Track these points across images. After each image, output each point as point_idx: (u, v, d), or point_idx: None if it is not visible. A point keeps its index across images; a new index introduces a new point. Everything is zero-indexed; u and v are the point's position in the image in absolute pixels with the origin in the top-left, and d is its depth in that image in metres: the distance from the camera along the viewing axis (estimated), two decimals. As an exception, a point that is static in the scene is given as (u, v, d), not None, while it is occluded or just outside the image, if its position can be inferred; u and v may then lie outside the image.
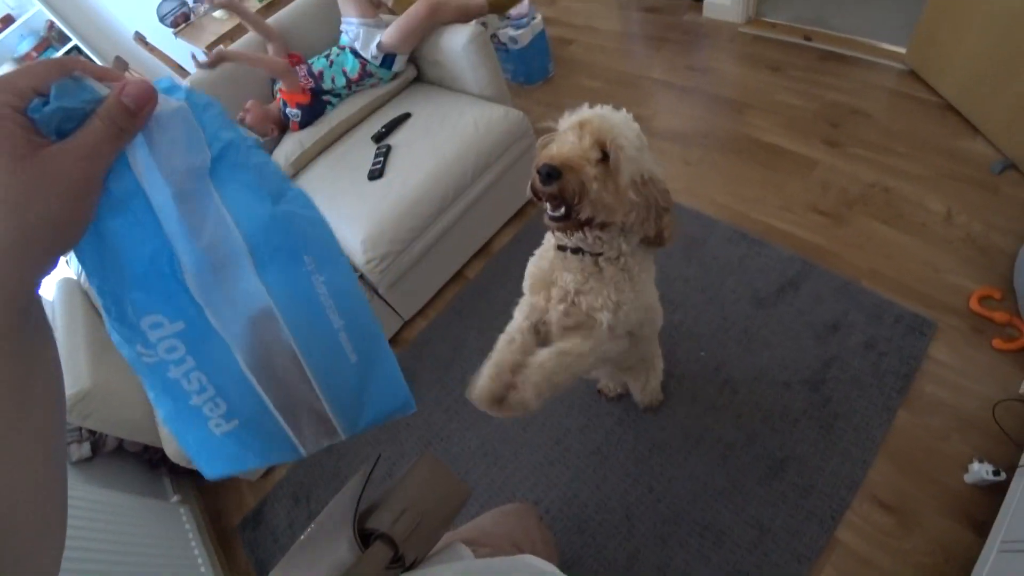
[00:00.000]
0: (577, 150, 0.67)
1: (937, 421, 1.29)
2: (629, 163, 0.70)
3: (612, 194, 0.70)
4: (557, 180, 0.66)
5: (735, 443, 1.38)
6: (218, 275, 0.30)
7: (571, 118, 0.73)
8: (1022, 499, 1.01)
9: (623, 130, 0.70)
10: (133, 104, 0.27)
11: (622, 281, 0.82)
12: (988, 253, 1.53)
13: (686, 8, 2.68)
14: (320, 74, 1.96)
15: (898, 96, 1.99)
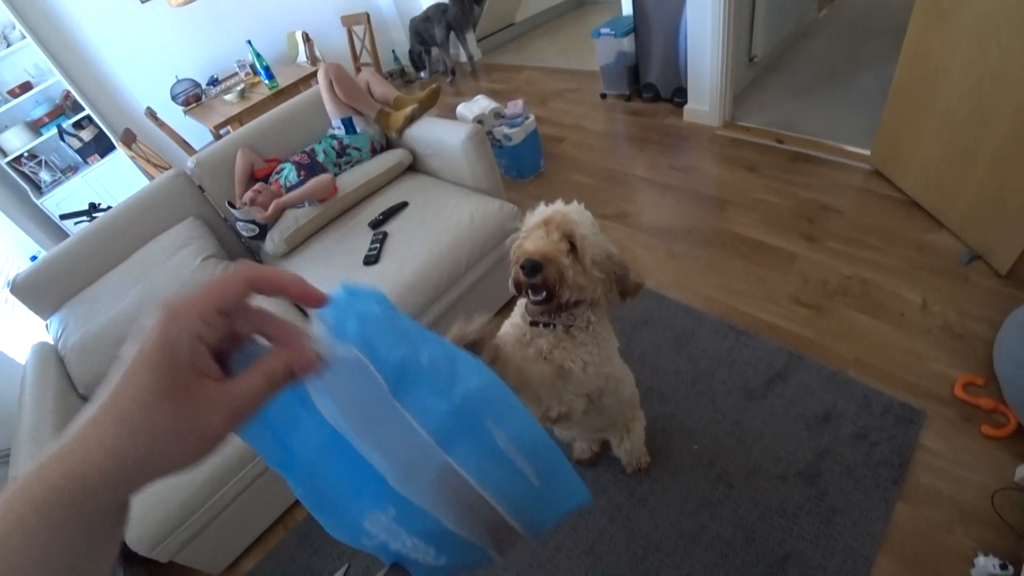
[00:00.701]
0: (550, 244, 0.81)
1: (937, 513, 1.33)
2: (591, 247, 0.85)
3: (583, 276, 0.84)
4: (540, 272, 0.79)
5: (733, 541, 1.39)
6: (414, 469, 0.37)
7: (534, 218, 0.88)
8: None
9: (582, 221, 0.86)
10: (297, 369, 0.31)
11: (591, 344, 0.96)
12: (966, 340, 1.66)
13: (667, 112, 3.03)
14: (311, 150, 2.23)
15: (866, 193, 2.22)
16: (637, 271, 0.94)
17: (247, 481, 1.60)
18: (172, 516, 1.47)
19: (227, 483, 1.56)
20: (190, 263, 2.00)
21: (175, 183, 2.16)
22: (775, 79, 3.08)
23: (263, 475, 1.63)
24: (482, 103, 2.77)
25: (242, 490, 1.60)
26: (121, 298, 1.93)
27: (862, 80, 2.85)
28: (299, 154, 2.23)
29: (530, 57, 4.40)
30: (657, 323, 1.97)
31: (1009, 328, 1.56)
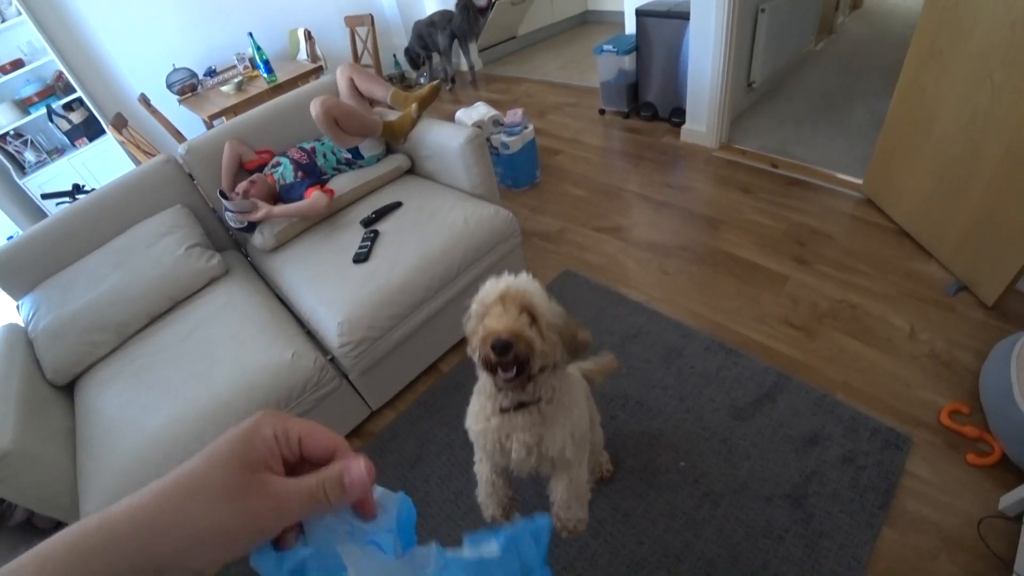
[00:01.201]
0: (513, 320, 0.84)
1: (922, 539, 1.32)
2: (546, 316, 0.88)
3: (545, 344, 0.87)
4: (511, 350, 0.82)
5: (717, 561, 1.36)
6: None
7: (488, 294, 0.89)
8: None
9: (534, 293, 0.89)
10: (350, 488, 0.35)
11: (563, 416, 1.01)
12: (953, 369, 1.66)
13: (664, 131, 3.05)
14: (312, 149, 2.17)
15: (857, 221, 2.25)
16: (583, 329, 0.97)
17: None
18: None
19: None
20: (173, 251, 1.94)
21: (164, 169, 2.10)
22: (772, 105, 3.13)
23: None
24: (481, 110, 2.76)
25: None
26: (98, 283, 1.86)
27: (856, 112, 2.91)
28: (298, 151, 2.18)
29: (531, 70, 4.43)
30: (647, 338, 1.96)
31: (995, 358, 1.57)
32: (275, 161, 2.16)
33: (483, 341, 0.84)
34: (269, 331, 1.73)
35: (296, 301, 1.88)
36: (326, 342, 1.74)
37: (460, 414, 1.80)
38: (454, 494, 1.63)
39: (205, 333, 1.78)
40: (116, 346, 1.85)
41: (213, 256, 2.02)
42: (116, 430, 1.53)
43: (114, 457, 1.46)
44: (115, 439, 1.51)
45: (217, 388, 1.57)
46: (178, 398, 1.57)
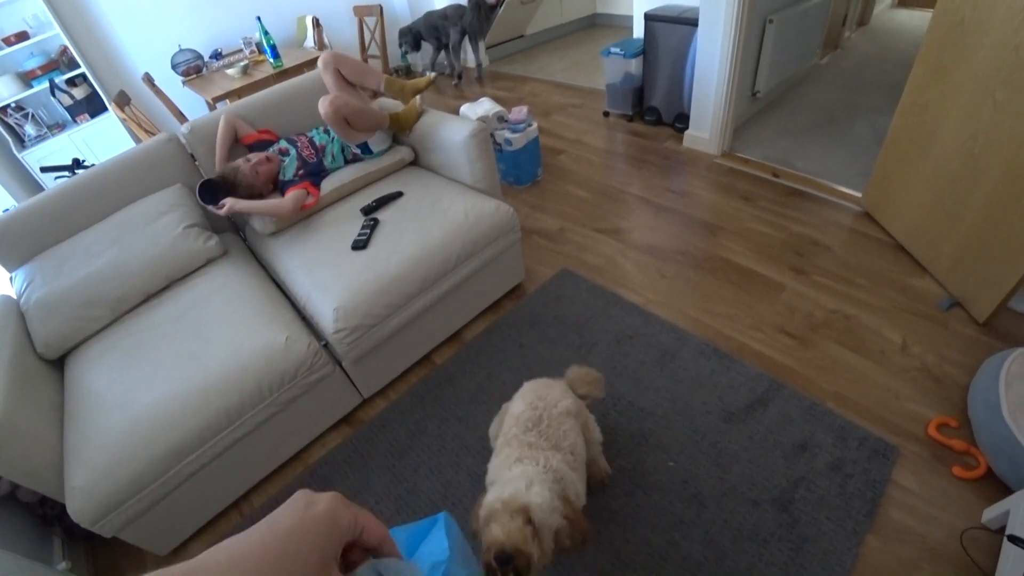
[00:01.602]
0: (518, 534, 0.93)
1: (906, 549, 1.33)
2: (547, 530, 0.98)
3: (544, 553, 0.97)
4: (511, 562, 0.92)
5: (703, 563, 1.36)
6: None
7: (494, 501, 0.98)
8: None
9: (539, 507, 0.97)
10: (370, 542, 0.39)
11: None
12: (943, 383, 1.68)
13: (667, 136, 3.06)
14: (322, 147, 2.15)
15: (855, 234, 2.26)
16: (583, 526, 1.04)
17: (205, 459, 1.53)
18: (121, 489, 1.39)
19: (184, 459, 1.48)
20: (172, 230, 1.93)
21: (166, 147, 2.09)
22: (775, 116, 3.14)
23: (225, 454, 1.57)
24: (486, 105, 2.76)
25: (198, 468, 1.52)
26: (94, 258, 1.85)
27: (858, 127, 2.93)
28: (308, 146, 2.15)
29: (537, 70, 4.44)
30: (642, 339, 1.96)
31: (984, 374, 1.59)
32: (285, 148, 2.13)
33: (487, 548, 0.94)
34: (264, 314, 1.73)
35: (292, 285, 1.88)
36: (321, 328, 1.73)
37: (452, 407, 1.82)
38: (443, 485, 1.63)
39: (199, 313, 1.77)
40: (110, 322, 1.84)
41: (211, 237, 2.01)
42: (105, 406, 1.53)
43: (101, 433, 1.45)
44: (103, 415, 1.50)
45: (209, 369, 1.56)
46: (169, 377, 1.56)
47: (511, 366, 1.94)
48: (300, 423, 1.75)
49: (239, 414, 1.55)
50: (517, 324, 2.11)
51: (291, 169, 2.10)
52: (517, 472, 1.06)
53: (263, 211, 1.97)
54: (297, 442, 1.78)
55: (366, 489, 1.65)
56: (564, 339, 2.01)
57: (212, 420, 1.51)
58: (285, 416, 1.68)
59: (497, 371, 1.94)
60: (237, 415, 1.55)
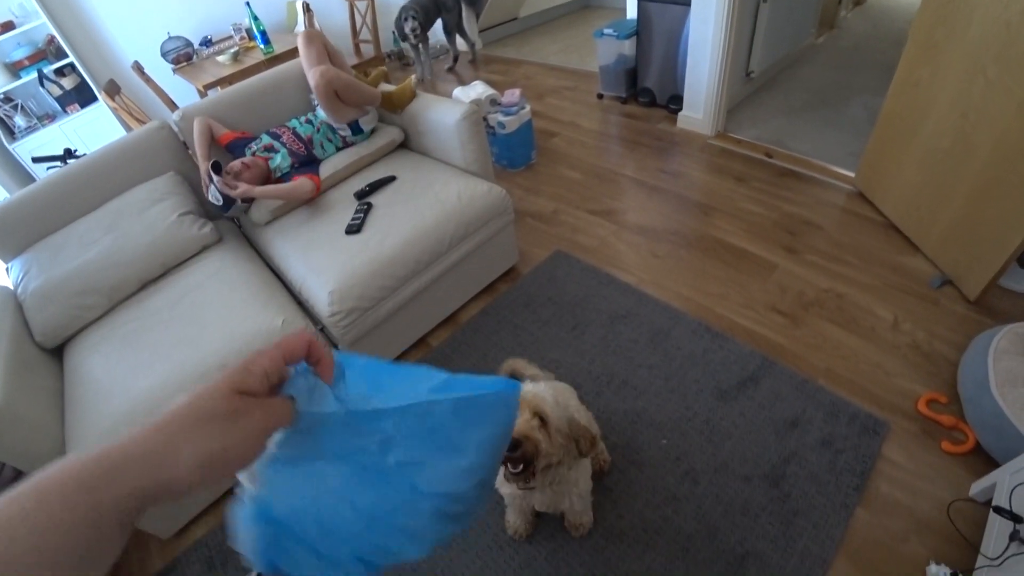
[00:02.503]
0: (525, 424, 0.96)
1: (894, 522, 1.34)
2: (556, 422, 1.00)
3: (552, 444, 0.99)
4: (519, 448, 0.94)
5: (695, 536, 1.38)
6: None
7: None
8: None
9: (547, 401, 1.00)
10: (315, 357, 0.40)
11: (569, 487, 1.20)
12: (933, 360, 1.69)
13: (661, 118, 3.04)
14: (309, 139, 2.11)
15: (847, 213, 2.26)
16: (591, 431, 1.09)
17: None
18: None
19: None
20: (166, 217, 1.92)
21: (158, 135, 2.07)
22: (769, 97, 3.12)
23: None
24: (479, 88, 2.73)
25: None
26: (89, 247, 1.84)
27: (851, 107, 2.91)
28: (294, 139, 2.10)
29: (530, 53, 4.38)
30: (635, 318, 1.96)
31: (973, 351, 1.59)
32: (270, 144, 2.08)
33: None
34: (259, 298, 1.72)
35: (287, 271, 1.87)
36: (316, 311, 1.73)
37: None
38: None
39: (196, 299, 1.77)
40: (107, 310, 1.83)
41: (206, 224, 2.00)
42: (104, 392, 1.53)
43: (101, 418, 1.46)
44: (103, 401, 1.50)
45: (205, 353, 1.56)
46: (167, 362, 1.56)
47: (505, 347, 1.95)
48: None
49: None
50: (512, 305, 2.11)
51: (285, 163, 2.07)
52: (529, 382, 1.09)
53: (281, 195, 1.96)
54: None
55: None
56: (558, 319, 2.02)
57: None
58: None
59: (492, 352, 1.95)
60: None
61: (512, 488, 1.17)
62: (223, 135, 2.10)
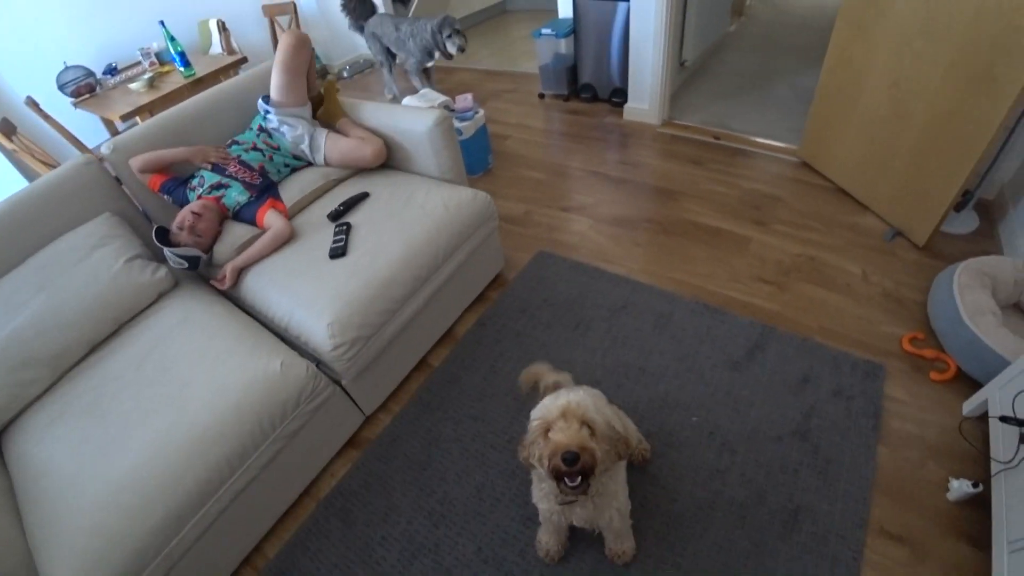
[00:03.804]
0: (577, 435, 0.97)
1: (911, 452, 1.51)
2: (602, 428, 1.02)
3: (603, 453, 1.01)
4: (579, 461, 0.95)
5: (747, 503, 1.47)
6: None
7: (550, 411, 1.02)
8: (1006, 500, 1.22)
9: (590, 408, 1.02)
10: None
11: (610, 499, 1.19)
12: (903, 303, 1.92)
13: (606, 112, 3.20)
14: (262, 168, 2.02)
15: (799, 183, 2.50)
16: (627, 435, 1.12)
17: (210, 518, 1.36)
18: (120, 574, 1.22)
19: (186, 523, 1.32)
20: (110, 265, 1.74)
21: (84, 173, 1.87)
22: (703, 83, 3.38)
23: (230, 507, 1.42)
24: (430, 95, 2.73)
25: (205, 530, 1.36)
26: (19, 310, 1.63)
27: (778, 87, 3.23)
28: (244, 170, 1.99)
29: (462, 60, 4.41)
30: (634, 308, 2.05)
31: (938, 288, 1.83)
32: (218, 182, 1.95)
33: (553, 453, 0.97)
34: (245, 343, 1.61)
35: (267, 308, 1.76)
36: (313, 346, 1.64)
37: (462, 406, 1.82)
38: (476, 489, 1.61)
39: (165, 354, 1.62)
40: (53, 382, 1.62)
41: (158, 268, 1.84)
42: (70, 481, 1.32)
43: (78, 514, 1.26)
44: (72, 493, 1.30)
45: (196, 413, 1.42)
46: (147, 432, 1.39)
47: (512, 355, 1.96)
48: (304, 456, 1.65)
49: (242, 459, 1.42)
50: (507, 312, 2.13)
51: (243, 196, 1.94)
52: (566, 392, 1.08)
53: (267, 251, 1.86)
54: (304, 477, 1.68)
55: (395, 511, 1.60)
56: (559, 320, 2.06)
57: (212, 472, 1.36)
58: (289, 451, 1.57)
59: (499, 363, 1.95)
60: (240, 461, 1.42)
61: (550, 504, 1.18)
62: (151, 180, 1.94)
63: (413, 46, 3.40)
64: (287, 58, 2.01)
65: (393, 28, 3.48)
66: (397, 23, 3.48)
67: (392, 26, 3.49)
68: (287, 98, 2.06)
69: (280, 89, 2.04)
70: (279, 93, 2.05)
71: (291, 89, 2.05)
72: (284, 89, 2.04)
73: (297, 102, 2.08)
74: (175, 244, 1.83)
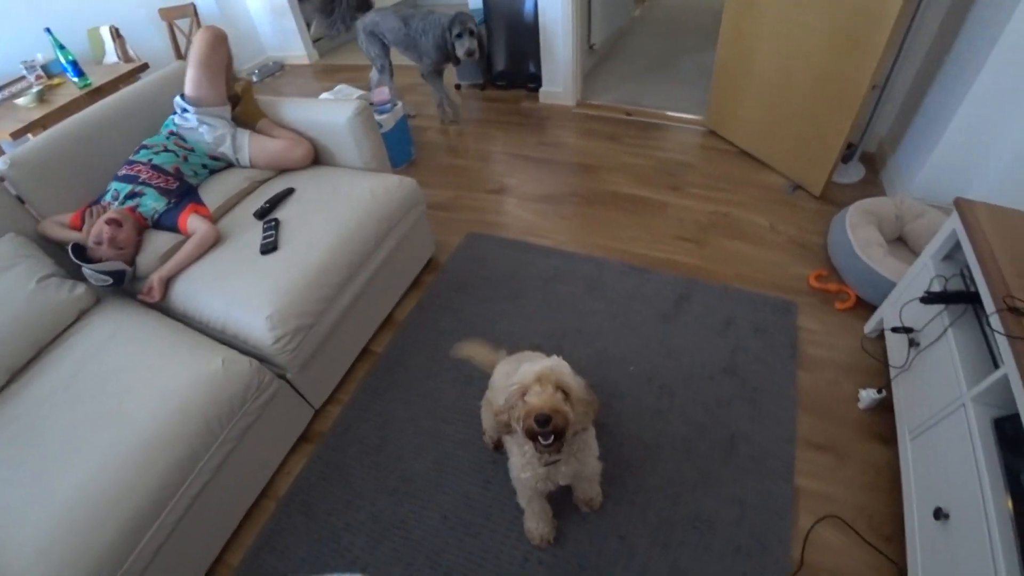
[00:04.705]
0: (551, 398, 1.03)
1: (825, 372, 1.69)
2: (578, 391, 1.09)
3: (577, 414, 1.08)
4: (551, 422, 1.02)
5: (689, 437, 1.59)
6: None
7: (525, 376, 1.07)
8: (904, 399, 1.40)
9: (566, 373, 1.08)
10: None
11: (589, 453, 1.28)
12: (807, 247, 2.12)
13: (522, 97, 3.30)
14: (177, 170, 1.94)
15: (707, 149, 2.69)
16: (596, 398, 1.18)
17: (167, 528, 1.31)
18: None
19: (144, 534, 1.26)
20: (23, 286, 1.63)
21: (-22, 193, 1.75)
22: (612, 65, 3.55)
23: (187, 515, 1.37)
24: (346, 91, 2.72)
25: (164, 540, 1.31)
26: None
27: (682, 64, 3.44)
28: (157, 175, 1.90)
29: (370, 58, 4.40)
30: (566, 275, 2.14)
31: (834, 230, 2.03)
32: (131, 191, 1.85)
33: (527, 415, 1.03)
34: (181, 347, 1.56)
35: (200, 313, 1.71)
36: (254, 343, 1.62)
37: (411, 387, 1.85)
38: (434, 462, 1.64)
39: (99, 368, 1.54)
40: (-32, 416, 1.51)
41: (76, 285, 1.73)
42: (9, 514, 1.24)
43: (20, 546, 1.18)
44: (13, 525, 1.21)
45: (139, 422, 1.36)
46: (90, 448, 1.32)
47: (455, 332, 2.00)
48: (257, 455, 1.62)
49: (193, 462, 1.38)
50: (445, 293, 2.17)
51: (160, 203, 1.87)
52: (539, 359, 1.12)
53: (194, 257, 1.78)
54: (260, 477, 1.65)
55: (357, 496, 1.60)
56: (496, 294, 2.12)
57: (164, 479, 1.32)
58: (241, 451, 1.54)
59: (442, 341, 1.98)
60: (191, 464, 1.37)
61: (535, 469, 1.22)
62: (71, 219, 1.84)
63: (427, 44, 2.92)
64: (204, 55, 1.94)
65: (400, 24, 2.96)
66: (405, 17, 2.96)
67: (399, 21, 2.97)
68: (206, 95, 1.99)
69: (198, 86, 1.97)
70: (197, 89, 1.98)
71: (211, 86, 1.99)
72: (202, 86, 1.98)
73: (217, 100, 2.02)
74: (94, 260, 1.74)
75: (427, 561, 1.43)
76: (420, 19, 2.91)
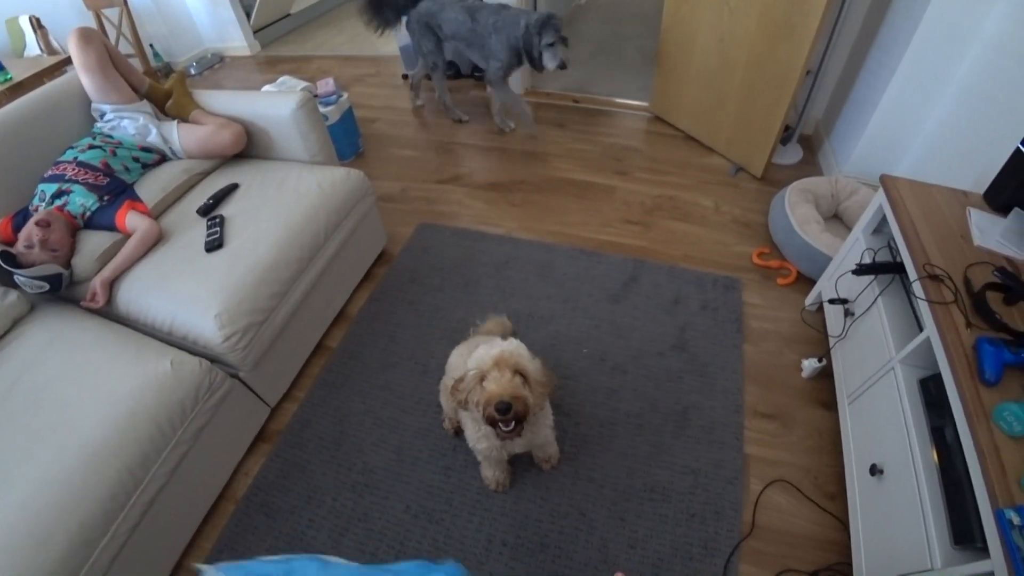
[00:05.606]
0: (510, 384, 1.03)
1: (769, 344, 1.78)
2: (535, 374, 1.10)
3: (535, 396, 1.09)
4: (512, 409, 1.02)
5: (642, 413, 1.65)
6: None
7: (483, 360, 1.07)
8: (842, 365, 1.49)
9: (524, 356, 1.09)
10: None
11: (542, 424, 1.32)
12: (750, 226, 2.21)
13: (471, 87, 3.29)
14: (106, 165, 1.85)
15: (652, 134, 2.76)
16: (553, 376, 1.20)
17: (122, 537, 1.26)
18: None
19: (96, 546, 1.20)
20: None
21: None
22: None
23: (142, 523, 1.33)
24: (290, 82, 2.65)
25: (118, 551, 1.26)
26: None
27: (627, 52, 3.50)
28: (85, 171, 1.80)
29: (316, 47, 4.28)
30: (517, 262, 2.17)
31: (775, 209, 2.13)
32: (59, 189, 1.75)
33: (487, 403, 1.03)
34: (127, 351, 1.50)
35: (144, 315, 1.64)
36: (203, 343, 1.57)
37: (367, 379, 1.85)
38: (394, 452, 1.65)
39: (37, 378, 1.45)
40: None
41: (7, 293, 1.63)
42: None
43: None
44: None
45: (86, 431, 1.31)
46: (33, 463, 1.26)
47: (409, 323, 2.00)
48: (213, 457, 1.58)
49: (145, 468, 1.33)
50: (398, 285, 2.16)
51: (90, 201, 1.78)
52: (496, 342, 1.12)
53: (138, 255, 1.71)
54: (217, 480, 1.61)
55: (318, 492, 1.58)
56: (448, 283, 2.13)
57: (115, 487, 1.27)
58: (196, 453, 1.50)
59: (397, 332, 1.98)
60: (143, 470, 1.33)
61: (490, 442, 1.25)
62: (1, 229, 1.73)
63: (498, 44, 2.56)
64: (79, 60, 1.86)
65: (466, 16, 2.61)
66: (472, 9, 2.60)
67: (463, 13, 2.61)
68: (111, 96, 1.92)
69: (97, 90, 1.90)
70: (98, 94, 1.91)
71: (111, 87, 1.90)
72: (101, 89, 1.90)
73: (125, 99, 1.94)
74: (27, 266, 1.64)
75: (391, 551, 1.44)
76: (491, 13, 2.55)
